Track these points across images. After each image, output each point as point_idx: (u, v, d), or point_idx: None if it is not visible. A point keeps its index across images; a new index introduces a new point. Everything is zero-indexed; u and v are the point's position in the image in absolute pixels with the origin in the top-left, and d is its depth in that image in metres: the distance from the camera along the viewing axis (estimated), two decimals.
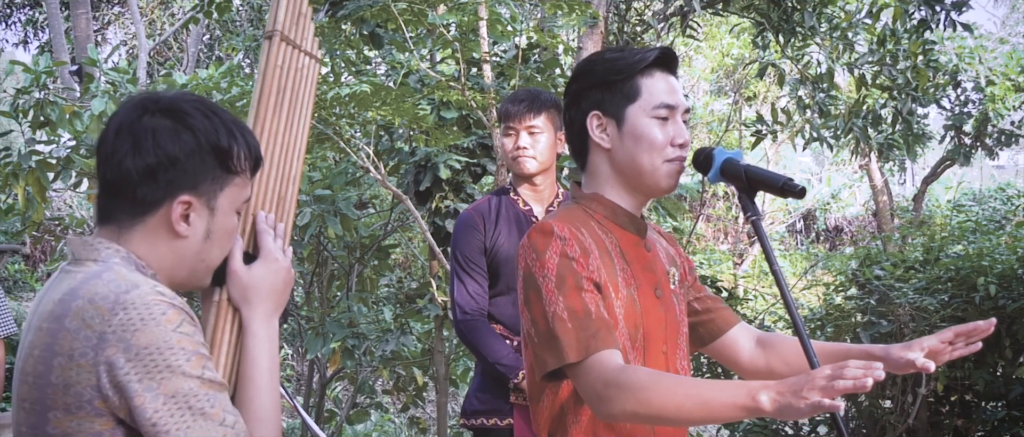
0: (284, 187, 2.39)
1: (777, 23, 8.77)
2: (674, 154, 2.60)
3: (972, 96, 12.48)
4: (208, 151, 2.08)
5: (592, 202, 2.71)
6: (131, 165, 2.05)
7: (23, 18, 20.49)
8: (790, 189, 2.36)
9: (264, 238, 2.29)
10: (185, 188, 2.08)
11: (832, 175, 25.62)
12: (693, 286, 2.89)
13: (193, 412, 1.94)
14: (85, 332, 1.93)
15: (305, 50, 2.48)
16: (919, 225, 9.78)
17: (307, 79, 2.49)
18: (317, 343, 7.20)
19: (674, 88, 2.65)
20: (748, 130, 10.84)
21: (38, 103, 6.55)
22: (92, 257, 2.07)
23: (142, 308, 1.93)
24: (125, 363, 1.90)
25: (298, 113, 2.45)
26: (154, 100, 2.11)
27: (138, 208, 2.08)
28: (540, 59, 7.32)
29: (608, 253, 2.65)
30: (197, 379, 1.95)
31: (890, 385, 6.89)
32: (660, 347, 2.65)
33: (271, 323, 2.24)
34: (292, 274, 2.30)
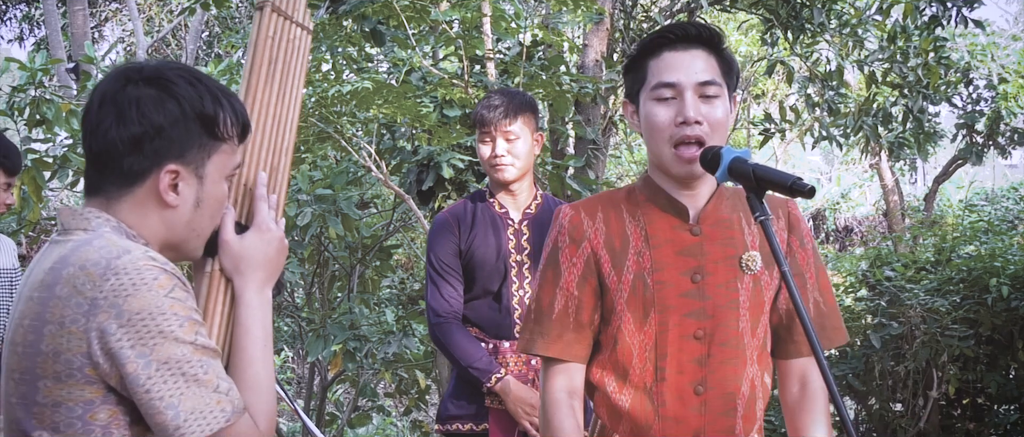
0: (276, 158, 2.40)
1: (786, 20, 8.77)
2: (679, 135, 2.60)
3: (984, 94, 12.45)
4: (193, 119, 2.09)
5: (643, 183, 2.76)
6: (116, 136, 2.05)
7: (19, 14, 20.50)
8: (799, 188, 2.35)
9: (259, 205, 2.29)
10: (172, 157, 2.08)
11: (842, 174, 25.62)
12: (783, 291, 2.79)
13: (186, 378, 1.95)
14: (76, 299, 1.93)
15: (296, 21, 2.49)
16: (930, 225, 9.78)
17: (299, 50, 2.49)
18: (318, 345, 7.20)
19: (678, 65, 2.63)
20: (756, 128, 10.84)
21: (34, 101, 6.55)
22: (82, 226, 2.07)
23: (133, 273, 1.94)
24: (117, 329, 1.91)
25: (290, 84, 2.46)
26: (137, 69, 2.12)
27: (125, 179, 2.08)
28: (544, 56, 7.33)
29: (624, 237, 2.70)
30: (190, 345, 1.96)
31: (901, 388, 6.89)
32: (690, 330, 2.66)
33: (264, 293, 2.24)
34: (285, 243, 2.30)
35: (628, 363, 2.69)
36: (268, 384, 2.16)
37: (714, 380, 2.67)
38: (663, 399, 2.67)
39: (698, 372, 2.67)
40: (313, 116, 6.31)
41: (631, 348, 2.68)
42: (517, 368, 4.23)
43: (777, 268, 2.71)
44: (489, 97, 4.37)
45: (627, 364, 2.69)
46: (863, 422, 7.19)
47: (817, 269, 2.82)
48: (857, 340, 7.03)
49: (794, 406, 2.82)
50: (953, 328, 6.43)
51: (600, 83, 7.23)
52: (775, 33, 9.25)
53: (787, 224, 2.80)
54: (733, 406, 2.70)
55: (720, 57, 2.69)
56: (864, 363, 6.87)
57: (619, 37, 8.61)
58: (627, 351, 2.69)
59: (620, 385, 2.72)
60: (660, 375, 2.67)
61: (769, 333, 2.78)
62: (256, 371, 2.15)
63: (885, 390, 6.96)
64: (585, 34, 8.13)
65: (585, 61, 7.77)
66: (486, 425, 4.29)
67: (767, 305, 2.75)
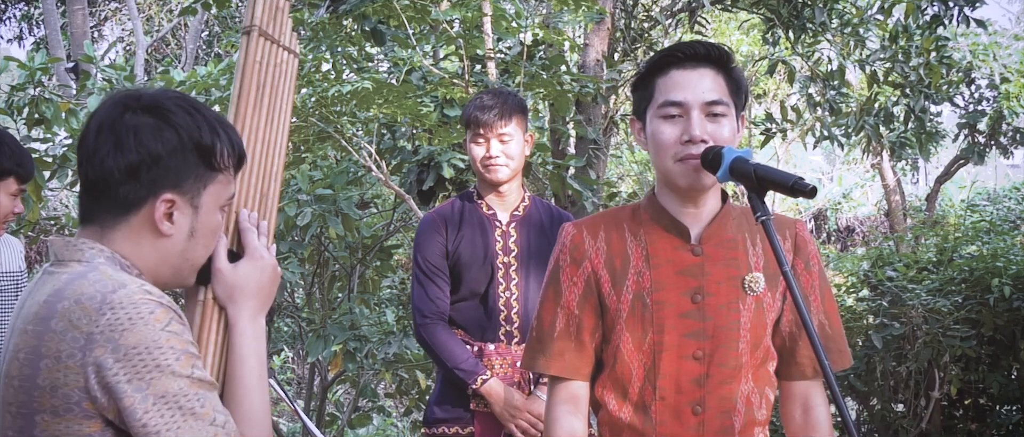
0: (266, 184, 2.40)
1: (787, 19, 8.76)
2: (682, 153, 2.60)
3: (986, 94, 12.44)
4: (191, 149, 2.09)
5: (647, 202, 2.78)
6: (113, 164, 2.05)
7: (18, 14, 20.50)
8: (801, 188, 2.35)
9: (247, 236, 2.29)
10: (168, 186, 2.08)
11: (843, 174, 25.61)
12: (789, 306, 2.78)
13: (183, 412, 1.94)
14: (72, 333, 1.93)
15: (284, 45, 2.49)
16: (932, 225, 9.79)
17: (286, 74, 2.50)
18: (318, 346, 7.20)
19: (685, 84, 2.63)
20: (757, 128, 10.83)
21: (33, 100, 6.54)
22: (76, 258, 2.07)
23: (130, 307, 1.94)
24: (114, 364, 1.91)
25: (278, 109, 2.46)
26: (135, 97, 2.11)
27: (121, 207, 2.08)
28: (545, 56, 7.33)
29: (625, 257, 2.72)
30: (187, 378, 1.96)
31: (903, 388, 6.89)
32: (689, 350, 2.66)
33: (258, 321, 2.24)
34: (278, 271, 2.31)
35: (627, 381, 2.71)
36: (264, 413, 2.17)
37: (712, 400, 2.68)
38: (661, 418, 2.69)
39: (696, 392, 2.67)
40: (313, 116, 6.31)
41: (630, 367, 2.70)
42: (502, 370, 4.22)
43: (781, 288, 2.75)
44: (480, 97, 4.36)
45: (626, 382, 2.71)
46: (865, 423, 7.19)
47: (822, 292, 2.81)
48: (859, 340, 7.03)
49: (797, 432, 2.82)
50: (955, 328, 6.44)
51: (601, 82, 7.23)
52: (776, 32, 9.25)
53: (793, 246, 2.79)
54: (730, 424, 2.70)
55: (728, 76, 2.69)
56: (866, 363, 6.87)
57: (620, 36, 8.61)
58: (626, 369, 2.70)
59: (620, 403, 2.74)
60: (658, 394, 2.68)
61: (772, 353, 2.78)
62: (252, 400, 2.16)
63: (887, 390, 6.96)
64: (586, 33, 8.13)
65: (586, 60, 7.77)
66: (472, 429, 4.29)
67: (769, 327, 2.74)
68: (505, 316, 4.24)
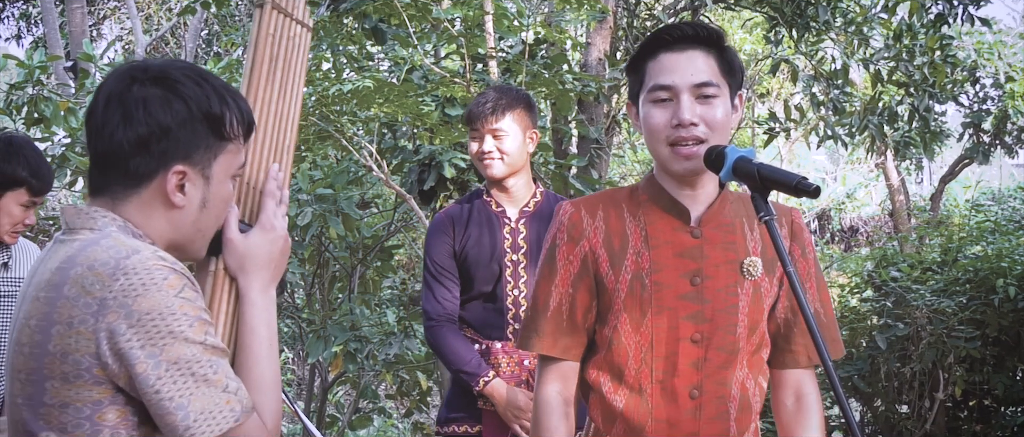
0: (278, 156, 2.41)
1: (790, 18, 8.76)
2: (675, 136, 2.60)
3: (991, 93, 12.46)
4: (200, 119, 2.09)
5: (646, 183, 2.78)
6: (122, 137, 2.05)
7: (16, 12, 20.49)
8: (804, 188, 2.36)
9: (267, 202, 2.30)
10: (179, 158, 2.08)
11: (847, 174, 25.59)
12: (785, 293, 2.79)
13: (196, 378, 1.95)
14: (85, 299, 1.93)
15: (296, 18, 2.50)
16: (936, 225, 9.77)
17: (299, 47, 2.50)
18: (318, 346, 7.20)
19: (674, 67, 2.62)
20: (761, 128, 10.84)
21: (32, 99, 6.55)
22: (88, 226, 2.07)
23: (143, 273, 1.94)
24: (127, 329, 1.91)
25: (291, 82, 2.46)
26: (143, 68, 2.11)
27: (131, 180, 2.09)
28: (547, 55, 7.33)
29: (623, 237, 2.72)
30: (200, 345, 1.96)
31: (907, 390, 6.89)
32: (687, 333, 2.66)
33: (268, 292, 2.25)
34: (288, 242, 2.31)
35: (623, 364, 2.69)
36: (274, 382, 2.17)
37: (710, 384, 2.67)
38: (657, 401, 2.68)
39: (694, 375, 2.67)
40: (313, 115, 6.31)
41: (627, 349, 2.68)
42: (509, 369, 4.23)
43: (778, 274, 2.75)
44: (483, 94, 4.38)
45: (622, 365, 2.69)
46: (868, 424, 7.19)
47: (818, 280, 2.82)
48: (863, 341, 7.04)
49: (789, 420, 2.82)
50: (959, 329, 6.43)
51: (603, 82, 7.23)
52: (779, 31, 9.25)
53: (790, 232, 2.79)
54: (725, 409, 2.69)
55: (721, 57, 2.67)
56: (870, 364, 6.87)
57: (623, 35, 8.61)
58: (623, 352, 2.69)
59: (615, 386, 2.72)
60: (655, 377, 2.67)
61: (766, 340, 2.78)
62: (262, 370, 2.16)
63: (891, 392, 6.97)
64: (588, 32, 8.13)
65: (588, 59, 7.77)
66: (480, 427, 4.31)
67: (765, 312, 2.74)
68: (513, 314, 4.24)
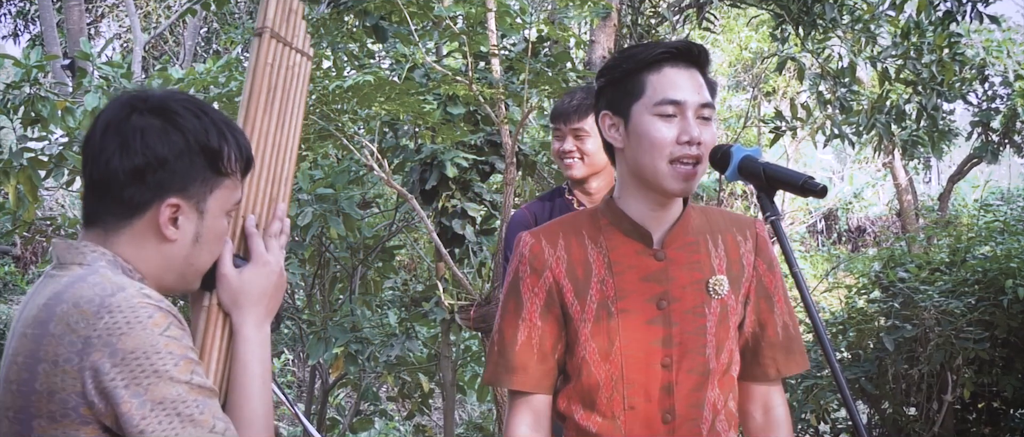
0: (275, 188, 2.40)
1: (797, 15, 8.76)
2: (679, 152, 2.57)
3: (1000, 91, 12.45)
4: (198, 152, 2.09)
5: (605, 206, 2.75)
6: (118, 165, 2.05)
7: (13, 10, 20.52)
8: (811, 188, 2.35)
9: (253, 242, 2.29)
10: (174, 190, 2.08)
11: (854, 173, 25.62)
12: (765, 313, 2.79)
13: (182, 419, 1.94)
14: (70, 337, 1.93)
15: (296, 47, 2.49)
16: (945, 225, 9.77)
17: (298, 77, 2.50)
18: (319, 348, 7.21)
19: (682, 84, 2.60)
20: (767, 126, 10.82)
21: (29, 98, 6.54)
22: (77, 261, 2.07)
23: (128, 311, 1.94)
24: (111, 368, 1.90)
25: (289, 112, 2.45)
26: (143, 98, 2.11)
27: (125, 210, 2.08)
28: (550, 53, 7.32)
29: (586, 265, 2.70)
30: (185, 384, 1.95)
31: (915, 391, 6.89)
32: (657, 358, 2.65)
33: (263, 328, 2.25)
34: (284, 278, 2.31)
35: (595, 393, 2.68)
36: (266, 420, 2.17)
37: (682, 407, 2.66)
38: (631, 429, 2.67)
39: (666, 400, 2.66)
40: (314, 113, 6.31)
41: (597, 378, 2.67)
42: None
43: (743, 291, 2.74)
44: (571, 93, 4.43)
45: (594, 393, 2.68)
46: (876, 426, 7.18)
47: (784, 294, 2.81)
48: (870, 343, 7.03)
49: (757, 434, 2.82)
50: (968, 330, 6.42)
51: None
52: (786, 29, 9.24)
53: (755, 247, 2.78)
54: (698, 431, 2.68)
55: (708, 79, 2.68)
56: (877, 366, 6.86)
57: (627, 33, 8.61)
58: (593, 381, 2.67)
59: (587, 415, 2.71)
60: (627, 404, 2.66)
61: (735, 358, 2.76)
62: (253, 407, 2.16)
63: (899, 394, 6.96)
64: (592, 30, 8.13)
65: (592, 57, 7.77)
66: None
67: (733, 330, 2.73)
68: None
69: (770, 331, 2.77)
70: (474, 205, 7.25)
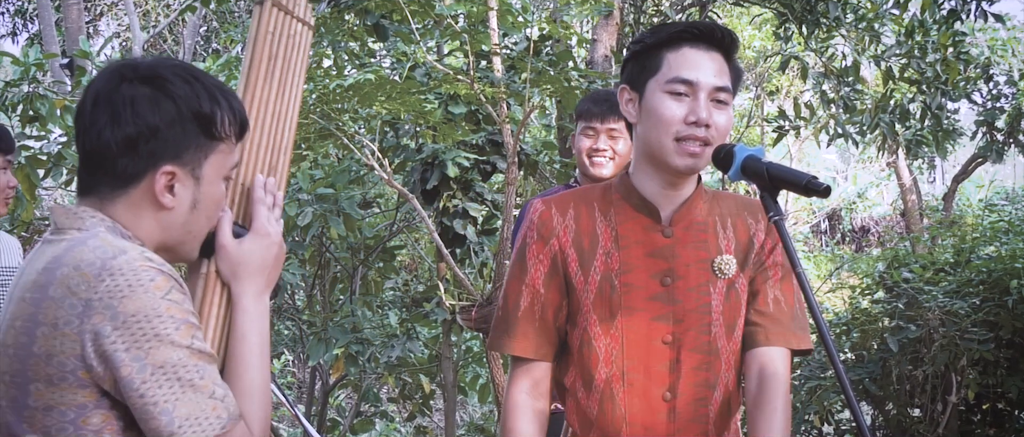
0: (276, 157, 2.40)
1: (800, 14, 8.76)
2: (686, 132, 2.57)
3: (1005, 90, 12.44)
4: (190, 118, 2.07)
5: (618, 181, 2.77)
6: (110, 137, 2.04)
7: (11, 8, 20.52)
8: (814, 188, 2.36)
9: (258, 208, 2.29)
10: (168, 158, 2.07)
11: (858, 173, 25.62)
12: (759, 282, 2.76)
13: (182, 383, 1.94)
14: (70, 300, 1.92)
15: (297, 16, 2.49)
16: (949, 225, 9.75)
17: (299, 46, 2.49)
18: (319, 349, 7.21)
19: (699, 64, 2.60)
20: (770, 126, 10.83)
21: (27, 97, 6.54)
22: (76, 226, 2.06)
23: (129, 274, 1.93)
24: (112, 331, 1.90)
25: (290, 81, 2.45)
26: (132, 67, 2.10)
27: (120, 181, 2.07)
28: (552, 51, 7.33)
29: (593, 236, 2.71)
30: (186, 349, 1.95)
31: (919, 393, 6.88)
32: (658, 335, 2.65)
33: (262, 299, 2.24)
34: (283, 248, 2.30)
35: (594, 367, 2.68)
36: (264, 390, 2.16)
37: (684, 386, 2.66)
38: (631, 405, 2.67)
39: (667, 378, 2.66)
40: (314, 113, 6.31)
41: (598, 352, 2.68)
42: None
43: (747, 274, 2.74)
44: (596, 92, 4.48)
45: (593, 368, 2.68)
46: (880, 428, 7.18)
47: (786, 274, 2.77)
48: (874, 343, 7.02)
49: (752, 403, 2.75)
50: (973, 331, 6.42)
51: (609, 78, 7.23)
52: (789, 27, 9.25)
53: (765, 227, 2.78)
54: (704, 412, 2.68)
55: (732, 64, 2.68)
56: (881, 367, 6.86)
57: (629, 31, 8.62)
58: (594, 355, 2.68)
59: (587, 391, 2.71)
60: (627, 380, 2.66)
61: None
62: (252, 377, 2.15)
63: (903, 395, 6.96)
64: (594, 28, 8.14)
65: (594, 56, 7.77)
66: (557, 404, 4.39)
67: (743, 309, 2.73)
68: None
69: (760, 301, 2.75)
70: (475, 205, 7.26)
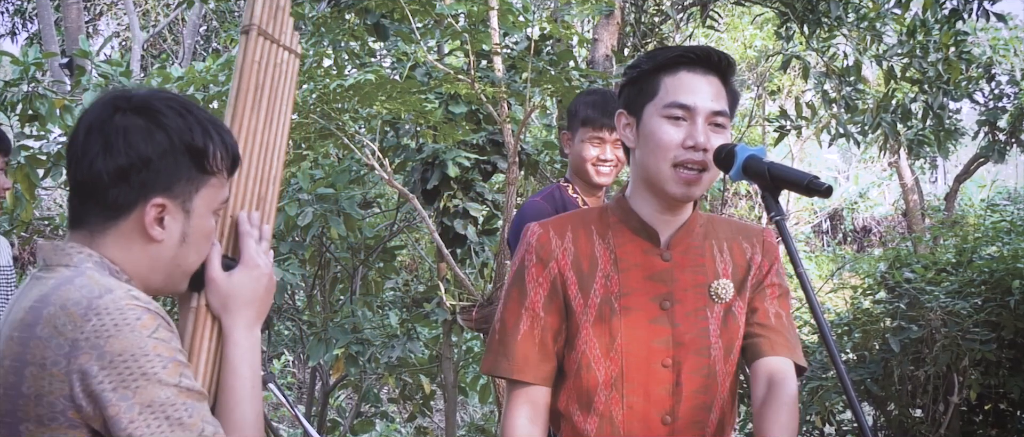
0: (264, 187, 2.39)
1: (802, 13, 8.76)
2: (684, 157, 2.57)
3: (1007, 90, 12.44)
4: (182, 151, 2.07)
5: (615, 204, 2.76)
6: (102, 167, 2.04)
7: (11, 8, 20.53)
8: (816, 188, 2.36)
9: (246, 242, 2.28)
10: (158, 190, 2.07)
11: (860, 173, 25.62)
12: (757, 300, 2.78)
13: (170, 422, 1.93)
14: (57, 340, 1.92)
15: (283, 44, 2.48)
16: (951, 225, 9.75)
17: (286, 75, 2.48)
18: (319, 349, 7.21)
19: (696, 89, 2.60)
20: (771, 125, 10.83)
21: (27, 97, 6.55)
22: (64, 262, 2.06)
23: (115, 313, 1.93)
24: (99, 371, 1.90)
25: (277, 110, 2.44)
26: (126, 98, 2.10)
27: (110, 211, 2.07)
28: (553, 51, 7.33)
29: (592, 259, 2.70)
30: (174, 387, 1.94)
31: (921, 393, 6.88)
32: (658, 358, 2.66)
33: (252, 332, 2.24)
34: (273, 280, 2.29)
35: (594, 391, 2.68)
36: (256, 424, 2.17)
37: (683, 410, 2.67)
38: (630, 429, 2.67)
39: (666, 402, 2.66)
40: (315, 112, 6.31)
41: (596, 375, 2.67)
42: None
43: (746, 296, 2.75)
44: (599, 96, 4.35)
45: (592, 392, 2.68)
46: (882, 428, 7.18)
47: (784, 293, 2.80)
48: (875, 344, 7.02)
49: (759, 409, 2.74)
50: (975, 331, 6.42)
51: (610, 78, 7.23)
52: (791, 27, 9.25)
53: (762, 250, 2.79)
54: (702, 433, 2.70)
55: (729, 88, 2.68)
56: (883, 367, 6.86)
57: (630, 31, 8.61)
58: (592, 378, 2.67)
59: (584, 415, 2.70)
60: (626, 403, 2.66)
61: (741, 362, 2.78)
62: (243, 411, 2.15)
63: (904, 395, 6.95)
64: (595, 28, 8.13)
65: (595, 56, 7.77)
66: None
67: (741, 332, 2.74)
68: None
69: (760, 315, 2.76)
70: (476, 205, 7.25)
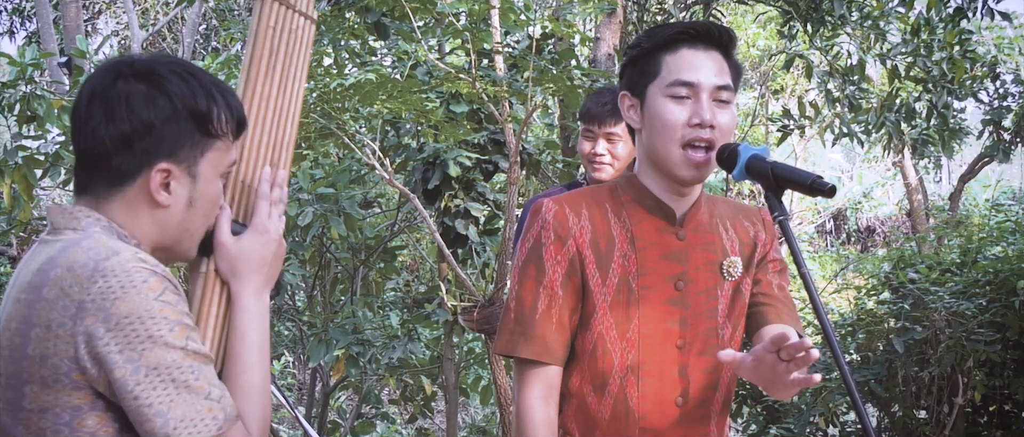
0: (277, 153, 2.39)
1: (805, 12, 8.75)
2: (691, 135, 2.58)
3: (1012, 89, 12.42)
4: (185, 116, 2.08)
5: (626, 182, 2.75)
6: (105, 134, 2.05)
7: (9, 7, 20.52)
8: (819, 187, 2.36)
9: (260, 204, 2.28)
10: (163, 155, 2.07)
11: (863, 173, 25.59)
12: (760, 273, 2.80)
13: (177, 385, 1.94)
14: (63, 301, 1.93)
15: (299, 10, 2.48)
16: (956, 225, 9.75)
17: (301, 40, 2.48)
18: (320, 350, 7.21)
19: (698, 65, 2.60)
20: (775, 125, 10.82)
21: (25, 97, 6.54)
22: (72, 226, 2.07)
23: (122, 275, 1.93)
24: (105, 333, 1.91)
25: (291, 76, 2.44)
26: (128, 64, 2.11)
27: (115, 178, 2.08)
28: (555, 50, 7.33)
29: (610, 238, 2.69)
30: (180, 350, 1.95)
31: (925, 394, 6.88)
32: (672, 340, 2.66)
33: (262, 297, 2.24)
34: (284, 245, 2.30)
35: (609, 373, 2.67)
36: (263, 390, 2.16)
37: (694, 390, 2.68)
38: (644, 410, 2.67)
39: (679, 383, 2.67)
40: (315, 112, 6.31)
41: (612, 356, 2.66)
42: None
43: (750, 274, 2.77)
44: (600, 92, 4.43)
45: (608, 374, 2.67)
46: (886, 430, 7.17)
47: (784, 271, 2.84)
48: (879, 345, 7.02)
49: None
50: (979, 332, 6.41)
51: (612, 77, 7.22)
52: (794, 26, 9.24)
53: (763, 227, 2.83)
54: (706, 413, 2.71)
55: (731, 62, 2.68)
56: (887, 368, 6.85)
57: (632, 29, 8.61)
58: (607, 359, 2.66)
59: (599, 396, 2.69)
60: (641, 386, 2.66)
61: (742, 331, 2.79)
62: (251, 377, 2.15)
63: (909, 396, 6.95)
64: (597, 26, 8.13)
65: (597, 54, 7.77)
66: None
67: (746, 309, 2.76)
68: None
69: (764, 285, 2.79)
70: (477, 205, 7.25)
